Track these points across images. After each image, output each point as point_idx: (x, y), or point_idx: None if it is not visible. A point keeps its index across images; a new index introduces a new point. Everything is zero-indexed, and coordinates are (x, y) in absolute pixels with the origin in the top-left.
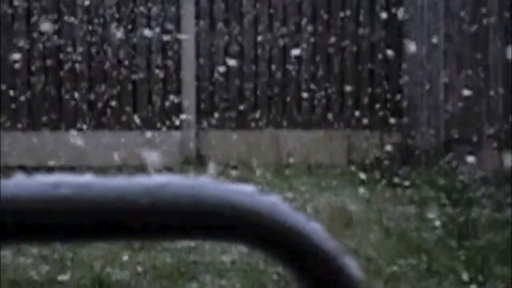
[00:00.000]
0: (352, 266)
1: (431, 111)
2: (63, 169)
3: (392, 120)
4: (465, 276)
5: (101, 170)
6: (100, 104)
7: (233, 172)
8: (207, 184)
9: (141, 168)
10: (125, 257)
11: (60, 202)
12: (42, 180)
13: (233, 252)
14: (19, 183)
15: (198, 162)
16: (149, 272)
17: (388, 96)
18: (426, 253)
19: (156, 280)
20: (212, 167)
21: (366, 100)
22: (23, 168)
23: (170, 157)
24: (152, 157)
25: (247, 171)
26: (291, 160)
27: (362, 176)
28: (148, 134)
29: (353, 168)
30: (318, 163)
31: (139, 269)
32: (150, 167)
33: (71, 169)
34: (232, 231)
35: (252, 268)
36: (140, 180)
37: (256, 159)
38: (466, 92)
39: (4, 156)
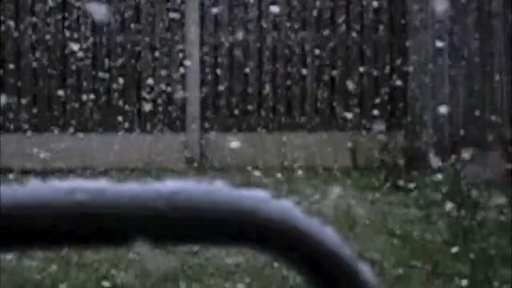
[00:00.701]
0: (367, 271)
1: (436, 113)
2: (66, 171)
3: (396, 122)
4: (470, 279)
5: (105, 172)
6: (103, 106)
7: (237, 175)
8: (221, 189)
9: (147, 170)
10: (130, 260)
11: (74, 207)
12: (56, 185)
13: (238, 255)
14: (34, 189)
15: (202, 164)
16: (153, 275)
17: (393, 98)
18: (431, 256)
19: (160, 283)
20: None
21: (370, 102)
22: (27, 172)
23: (174, 159)
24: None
25: (251, 174)
26: (295, 163)
27: (367, 178)
28: (152, 136)
29: (357, 170)
30: (322, 165)
31: (144, 271)
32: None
33: (72, 171)
34: (246, 236)
35: (257, 271)
36: (155, 186)
37: (260, 161)
38: (471, 94)
39: (8, 159)
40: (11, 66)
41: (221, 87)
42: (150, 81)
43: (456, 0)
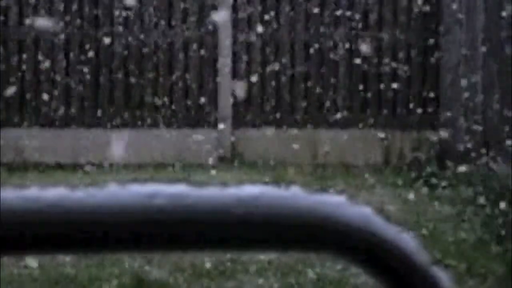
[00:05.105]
0: (445, 278)
1: (469, 111)
2: (98, 166)
3: (429, 120)
4: (504, 278)
5: (138, 167)
6: (136, 102)
7: (269, 171)
8: (299, 194)
9: (179, 166)
10: (163, 255)
11: (155, 212)
12: (136, 189)
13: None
14: (114, 193)
15: (234, 160)
16: (187, 271)
17: (425, 96)
18: (465, 254)
19: (194, 279)
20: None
21: (403, 99)
22: (54, 166)
23: (206, 155)
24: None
25: (283, 170)
26: (327, 160)
27: (399, 176)
28: (185, 131)
29: (389, 168)
30: (354, 162)
31: (178, 267)
32: None
33: (102, 166)
34: (325, 242)
35: (290, 267)
36: (233, 190)
37: (292, 158)
38: (505, 92)
39: (38, 153)
40: (43, 61)
41: (253, 83)
42: (182, 77)
43: None
